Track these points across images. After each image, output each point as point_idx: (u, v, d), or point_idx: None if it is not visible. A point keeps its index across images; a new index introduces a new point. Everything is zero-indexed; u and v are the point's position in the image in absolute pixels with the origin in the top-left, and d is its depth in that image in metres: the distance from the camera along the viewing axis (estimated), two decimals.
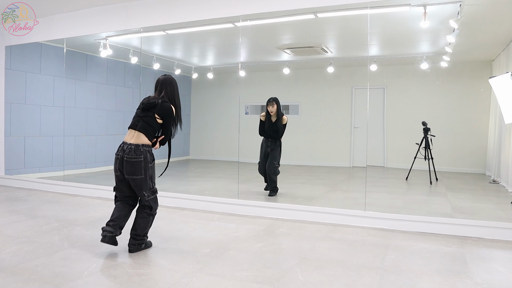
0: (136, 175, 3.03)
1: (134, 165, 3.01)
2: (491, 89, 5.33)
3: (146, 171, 3.07)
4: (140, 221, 3.13)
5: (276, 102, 5.32)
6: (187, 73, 9.71)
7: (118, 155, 3.09)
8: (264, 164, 5.49)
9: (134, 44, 6.79)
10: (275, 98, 5.34)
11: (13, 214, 4.39)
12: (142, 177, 3.05)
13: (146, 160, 3.06)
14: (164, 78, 3.30)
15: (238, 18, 4.92)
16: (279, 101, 5.37)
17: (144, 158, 3.05)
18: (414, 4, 4.52)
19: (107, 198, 5.42)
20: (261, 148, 5.52)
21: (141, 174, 3.04)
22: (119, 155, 3.08)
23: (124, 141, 3.11)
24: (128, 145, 3.06)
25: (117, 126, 8.41)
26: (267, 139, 5.44)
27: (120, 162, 3.07)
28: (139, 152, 3.04)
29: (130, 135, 3.12)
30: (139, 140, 3.08)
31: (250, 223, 4.20)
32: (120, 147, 3.12)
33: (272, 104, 5.31)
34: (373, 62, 7.16)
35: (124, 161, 3.03)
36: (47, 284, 2.49)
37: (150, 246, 3.27)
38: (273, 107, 5.31)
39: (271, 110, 5.33)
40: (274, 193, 5.44)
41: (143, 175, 3.05)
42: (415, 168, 7.01)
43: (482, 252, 3.28)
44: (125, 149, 3.05)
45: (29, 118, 6.76)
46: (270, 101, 5.33)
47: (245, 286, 2.51)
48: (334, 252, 3.22)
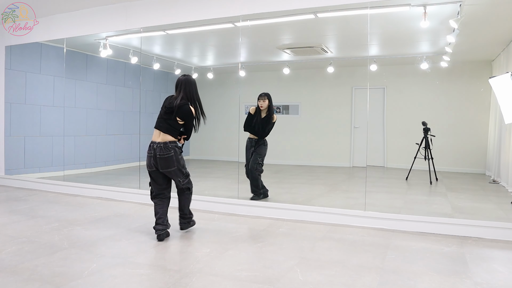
0: (170, 167, 3.50)
1: (167, 160, 3.47)
2: (491, 89, 5.32)
3: (178, 162, 3.53)
4: (183, 201, 3.70)
5: (268, 98, 5.08)
6: (187, 73, 9.68)
7: (151, 153, 3.51)
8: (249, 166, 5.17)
9: (134, 44, 6.79)
10: (267, 93, 5.09)
11: (13, 214, 4.39)
12: (175, 168, 3.53)
13: (176, 154, 3.52)
14: (184, 79, 3.68)
15: (238, 18, 4.92)
16: (271, 97, 5.12)
17: (174, 152, 3.51)
18: (414, 4, 4.51)
19: (107, 198, 5.42)
20: (246, 149, 5.18)
21: (174, 166, 3.52)
22: (151, 153, 3.50)
23: (153, 141, 3.52)
24: (157, 144, 3.49)
25: (117, 126, 8.41)
26: (251, 139, 5.14)
27: (154, 159, 3.49)
28: (168, 149, 3.48)
29: (156, 134, 3.54)
30: (165, 138, 3.50)
31: (250, 223, 4.20)
32: (150, 146, 3.53)
33: (264, 99, 5.06)
34: (373, 62, 7.16)
35: (157, 158, 3.47)
36: (47, 284, 2.49)
37: (194, 225, 3.82)
38: (265, 102, 5.06)
39: (261, 105, 5.06)
40: (257, 197, 5.02)
41: (175, 166, 3.52)
42: (415, 168, 7.01)
43: (482, 252, 3.28)
44: (155, 148, 3.48)
45: (29, 118, 6.76)
46: (261, 96, 5.08)
47: (245, 286, 2.51)
48: (334, 252, 3.22)
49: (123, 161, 8.36)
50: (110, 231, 3.75)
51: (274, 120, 5.11)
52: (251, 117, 5.13)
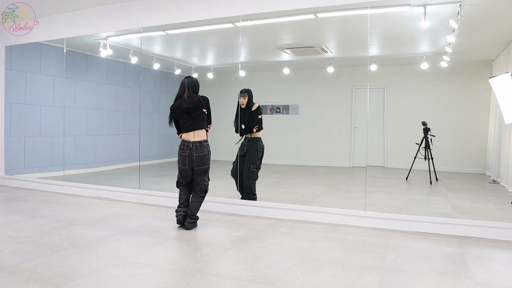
0: (204, 165, 3.85)
1: (202, 158, 3.81)
2: (491, 89, 5.32)
3: (209, 160, 3.91)
4: (195, 203, 3.90)
5: (248, 94, 4.80)
6: (187, 73, 9.69)
7: (186, 153, 3.80)
8: (236, 165, 4.88)
9: (134, 44, 6.79)
10: (247, 90, 4.81)
11: (13, 214, 4.39)
12: (208, 165, 3.90)
13: (209, 152, 3.91)
14: (188, 81, 3.94)
15: (238, 18, 4.91)
16: (251, 93, 4.84)
17: (208, 151, 3.88)
18: (414, 4, 4.51)
19: (107, 198, 5.42)
20: (239, 148, 4.92)
21: (207, 163, 3.88)
22: (186, 153, 3.79)
23: (188, 140, 3.82)
24: (193, 143, 3.79)
25: (117, 126, 8.41)
26: (244, 137, 4.88)
27: (188, 158, 3.79)
28: (203, 147, 3.83)
29: (191, 135, 3.83)
30: (200, 137, 3.83)
31: (250, 223, 4.20)
32: (185, 146, 3.81)
33: (244, 96, 4.79)
34: (373, 62, 7.16)
35: (193, 157, 3.78)
36: (47, 284, 2.49)
37: (196, 226, 3.98)
38: (245, 99, 4.79)
39: (242, 102, 4.79)
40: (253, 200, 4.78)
41: (209, 164, 3.90)
42: (415, 168, 7.01)
43: (482, 252, 3.28)
44: (191, 147, 3.78)
45: (29, 118, 6.76)
46: (242, 92, 4.79)
47: (245, 286, 2.51)
48: (334, 252, 3.22)
49: (123, 161, 8.36)
50: (110, 231, 3.74)
51: (254, 109, 4.78)
52: (236, 119, 4.92)
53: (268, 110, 9.52)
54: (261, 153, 4.83)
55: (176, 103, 3.90)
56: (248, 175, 4.75)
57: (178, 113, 3.87)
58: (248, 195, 4.79)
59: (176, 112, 3.89)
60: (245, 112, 4.85)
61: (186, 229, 3.84)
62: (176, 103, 3.90)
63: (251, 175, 4.75)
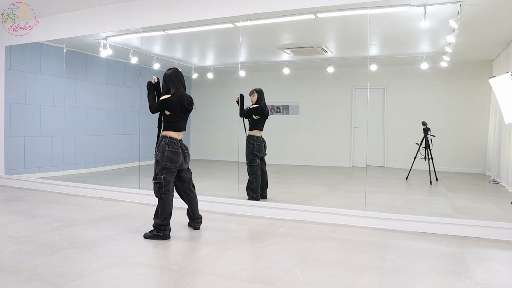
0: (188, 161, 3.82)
1: (189, 154, 3.79)
2: (491, 89, 5.32)
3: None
4: (197, 202, 3.90)
5: (257, 92, 5.08)
6: (187, 73, 9.70)
7: (178, 150, 3.61)
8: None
9: (134, 44, 6.79)
10: (258, 89, 5.12)
11: (13, 214, 4.39)
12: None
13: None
14: (180, 74, 3.68)
15: (238, 18, 4.92)
16: (261, 92, 5.11)
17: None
18: (414, 4, 4.51)
19: (107, 198, 5.42)
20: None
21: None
22: (180, 149, 3.62)
23: (177, 139, 3.63)
24: (180, 141, 3.66)
25: (117, 126, 8.41)
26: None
27: (183, 155, 3.65)
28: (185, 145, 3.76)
29: (181, 134, 3.69)
30: (182, 136, 3.72)
31: (250, 223, 4.20)
32: (175, 143, 3.60)
33: (253, 94, 5.08)
34: (373, 62, 7.16)
35: (185, 153, 3.70)
36: (47, 284, 2.49)
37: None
38: (254, 96, 5.07)
39: (251, 99, 5.10)
40: (256, 199, 4.90)
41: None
42: (415, 168, 7.01)
43: (482, 252, 3.28)
44: (181, 145, 3.66)
45: (29, 118, 6.76)
46: (251, 92, 5.11)
47: (245, 286, 2.51)
48: (334, 252, 3.22)
49: (123, 161, 8.36)
50: (110, 231, 3.75)
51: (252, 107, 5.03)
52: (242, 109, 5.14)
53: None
54: (252, 148, 4.97)
55: (176, 97, 3.52)
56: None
57: (175, 109, 3.52)
58: (249, 191, 4.94)
59: (173, 107, 3.51)
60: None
61: (197, 229, 3.88)
62: (176, 97, 3.52)
63: (247, 170, 4.98)
